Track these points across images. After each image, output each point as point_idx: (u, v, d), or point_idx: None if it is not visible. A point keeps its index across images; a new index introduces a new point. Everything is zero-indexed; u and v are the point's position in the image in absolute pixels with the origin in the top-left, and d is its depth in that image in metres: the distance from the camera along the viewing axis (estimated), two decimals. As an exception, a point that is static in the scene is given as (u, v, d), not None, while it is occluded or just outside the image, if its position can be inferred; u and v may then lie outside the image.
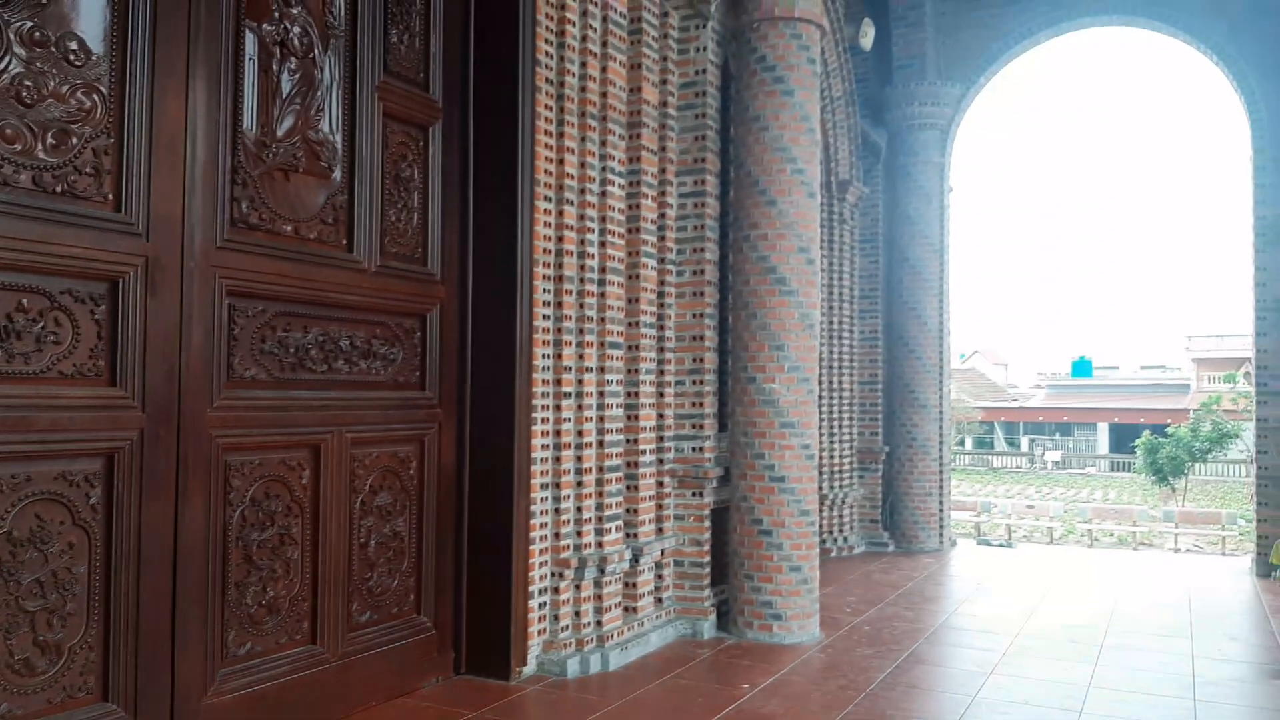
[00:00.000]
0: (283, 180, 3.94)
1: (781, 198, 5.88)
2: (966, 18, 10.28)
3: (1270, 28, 8.83)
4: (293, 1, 3.97)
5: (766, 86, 5.81)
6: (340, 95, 4.21)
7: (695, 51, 5.93)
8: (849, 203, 9.61)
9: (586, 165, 5.19)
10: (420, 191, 4.65)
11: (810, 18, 5.81)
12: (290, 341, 3.97)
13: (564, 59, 5.09)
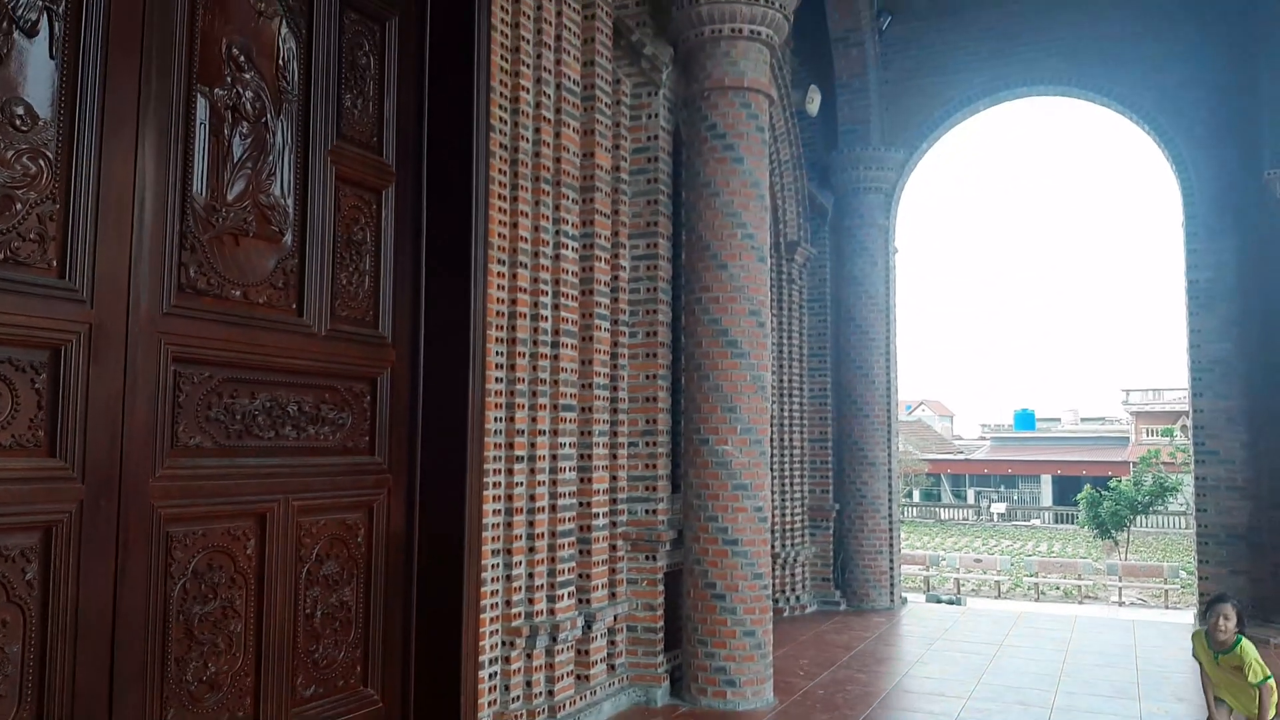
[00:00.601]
0: (232, 244, 3.91)
1: (732, 262, 5.98)
2: (909, 86, 10.64)
3: (1199, 99, 9.29)
4: (246, 66, 3.98)
5: (717, 153, 5.95)
6: (293, 159, 4.21)
7: (647, 118, 6.05)
8: (797, 263, 9.79)
9: (540, 229, 5.24)
10: (372, 255, 4.64)
11: (759, 87, 5.97)
12: (237, 408, 3.90)
13: (518, 124, 5.16)
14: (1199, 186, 9.28)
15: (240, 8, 3.96)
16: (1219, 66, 9.19)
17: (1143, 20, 9.55)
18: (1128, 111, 9.63)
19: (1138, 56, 9.54)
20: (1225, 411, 9.10)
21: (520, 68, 5.16)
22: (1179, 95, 9.33)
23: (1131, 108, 9.57)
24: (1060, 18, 9.97)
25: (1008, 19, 10.24)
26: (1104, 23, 9.74)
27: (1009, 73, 10.22)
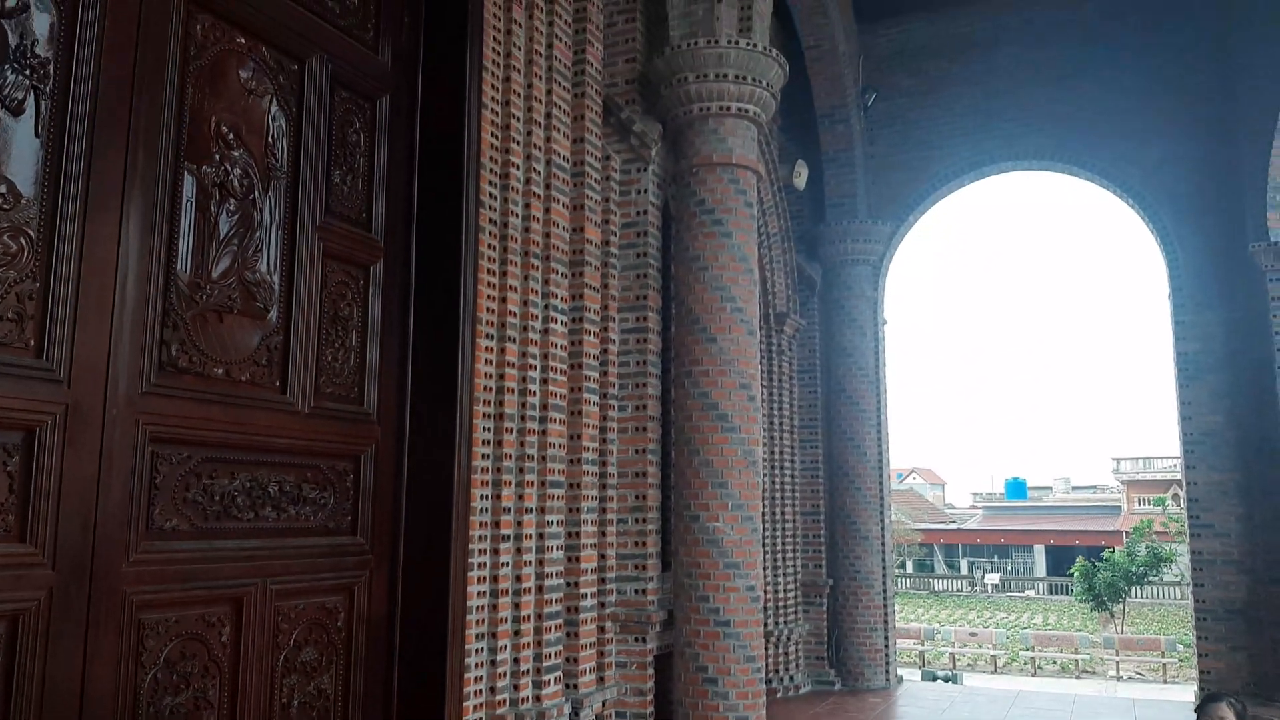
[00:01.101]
0: (216, 322, 3.86)
1: (721, 335, 5.97)
2: (894, 160, 10.81)
3: (1181, 173, 9.45)
4: (234, 144, 3.99)
5: (705, 228, 5.98)
6: (280, 236, 4.19)
7: (637, 193, 6.10)
8: (787, 334, 9.81)
9: (529, 303, 5.23)
10: (359, 330, 4.60)
11: (747, 164, 6.04)
12: (216, 489, 3.81)
13: (508, 200, 5.17)
14: (1184, 259, 9.38)
15: (231, 86, 3.98)
16: (1201, 141, 9.38)
17: (1123, 97, 9.77)
18: (1111, 186, 9.79)
19: (1120, 132, 9.73)
20: (1219, 484, 9.06)
21: (510, 144, 5.19)
22: (1162, 170, 9.50)
23: (1115, 182, 9.73)
24: (1041, 95, 10.19)
25: (990, 96, 10.46)
26: (1085, 99, 9.96)
27: (992, 148, 10.40)
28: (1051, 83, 10.14)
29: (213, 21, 3.88)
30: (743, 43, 5.90)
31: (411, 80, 5.01)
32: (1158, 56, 9.72)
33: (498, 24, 5.28)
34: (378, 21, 4.84)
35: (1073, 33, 10.19)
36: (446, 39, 5.06)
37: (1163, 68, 9.66)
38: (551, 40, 5.53)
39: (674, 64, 6.02)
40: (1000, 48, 10.51)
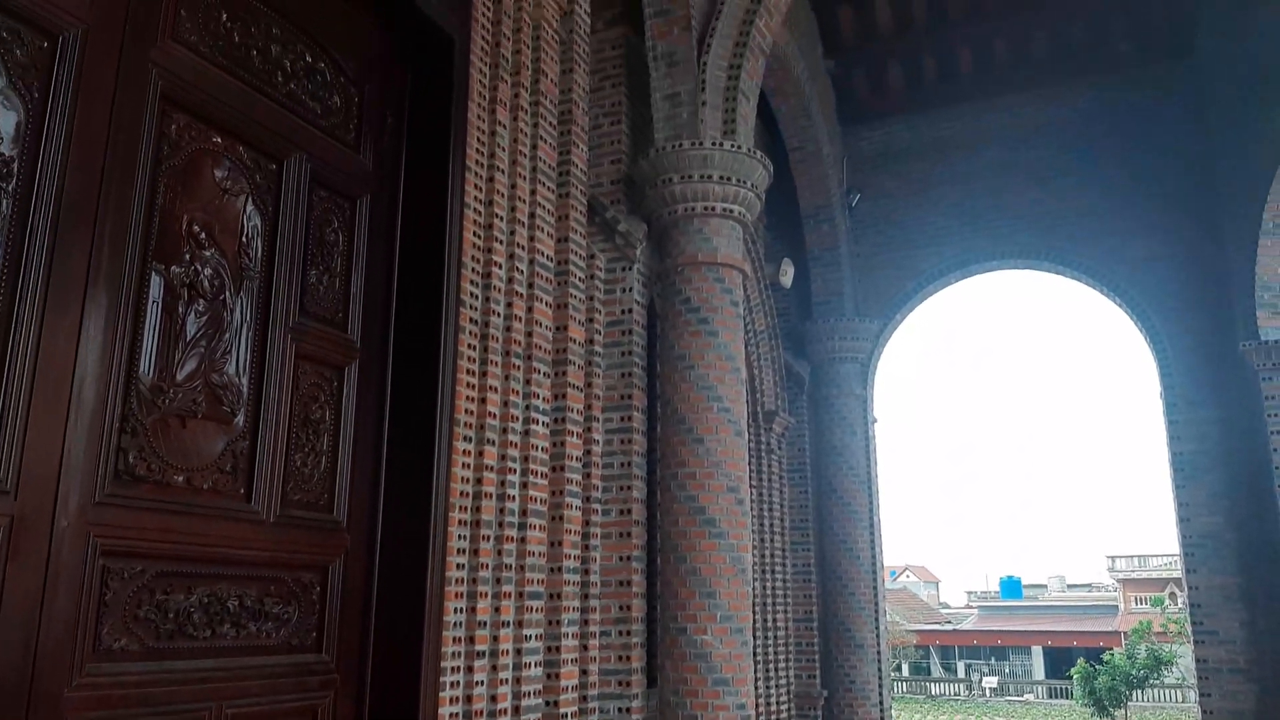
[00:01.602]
0: (179, 427, 3.70)
1: (708, 436, 5.83)
2: (880, 259, 10.89)
3: (1168, 271, 9.51)
4: (206, 243, 3.90)
5: (691, 327, 5.91)
6: (251, 337, 4.07)
7: (622, 292, 6.04)
8: (776, 433, 9.67)
9: (510, 403, 5.09)
10: (331, 434, 4.44)
11: (732, 263, 6.01)
12: (170, 605, 3.59)
13: (489, 299, 5.09)
14: (1175, 358, 9.36)
15: (205, 185, 3.91)
16: (1186, 239, 9.47)
17: (1107, 195, 9.91)
18: (1098, 284, 9.84)
19: (1104, 230, 9.83)
20: (1221, 588, 8.84)
21: (493, 243, 5.14)
22: (1148, 268, 9.57)
23: (1102, 280, 9.78)
24: (1025, 195, 10.33)
25: (974, 196, 10.60)
26: (1069, 198, 10.09)
27: (978, 247, 10.48)
28: (1035, 183, 10.30)
29: (188, 121, 3.83)
30: (727, 144, 5.93)
31: (393, 179, 4.98)
32: (1139, 156, 9.90)
33: (482, 125, 5.28)
34: (360, 122, 4.83)
35: (1053, 134, 10.39)
36: (430, 140, 5.06)
37: (1144, 167, 9.83)
38: (536, 141, 5.53)
39: (659, 165, 6.04)
40: (982, 149, 10.70)
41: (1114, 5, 9.89)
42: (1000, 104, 10.66)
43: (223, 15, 4.03)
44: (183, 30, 3.82)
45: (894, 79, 11.10)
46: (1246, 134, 8.81)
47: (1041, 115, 10.44)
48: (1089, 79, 10.28)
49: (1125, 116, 10.03)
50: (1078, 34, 10.35)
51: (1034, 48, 10.50)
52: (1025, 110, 10.53)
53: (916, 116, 11.03)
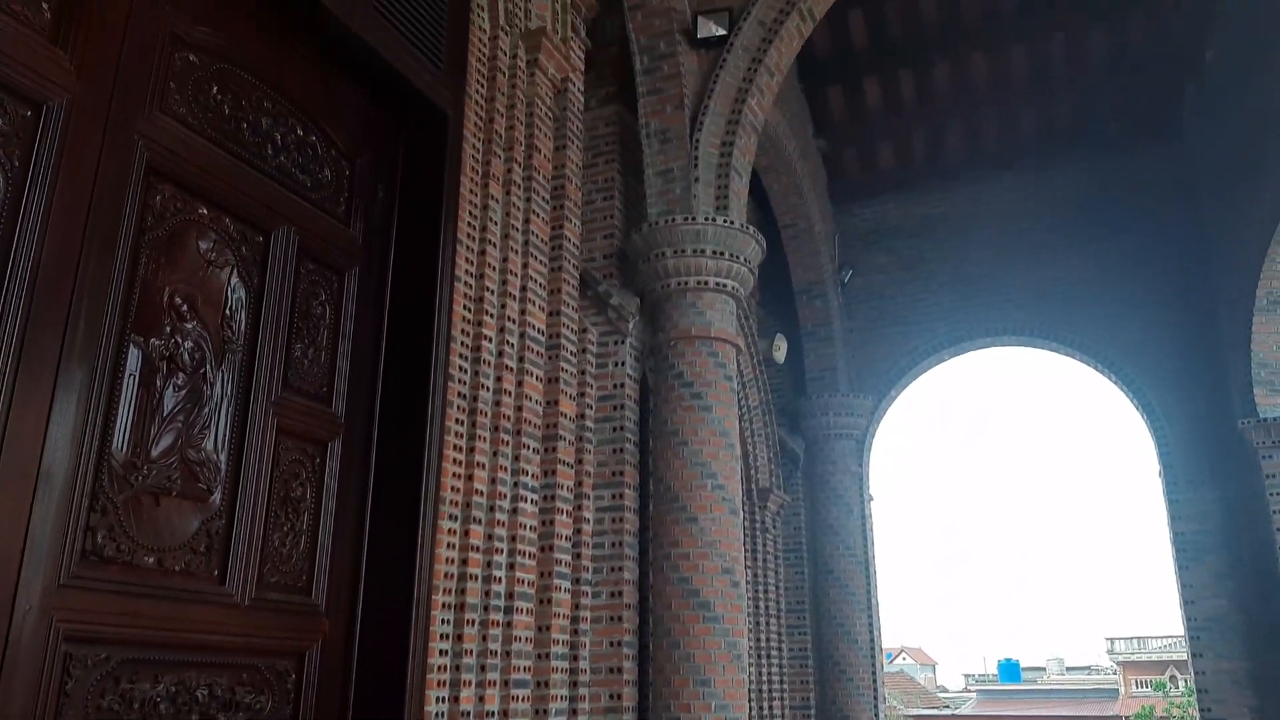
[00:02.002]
0: (151, 505, 3.56)
1: (702, 514, 5.68)
2: (874, 334, 10.87)
3: (1163, 347, 9.49)
4: (188, 315, 3.81)
5: (684, 402, 5.81)
6: (231, 412, 3.96)
7: (614, 366, 5.96)
8: (770, 511, 9.51)
9: (498, 480, 4.96)
10: (311, 512, 4.30)
11: (726, 337, 5.94)
12: (136, 695, 3.41)
13: (479, 373, 5.00)
14: (1173, 435, 9.28)
15: (189, 256, 3.84)
16: (1180, 315, 9.48)
17: (1100, 273, 9.94)
18: (1093, 361, 9.81)
19: (1099, 307, 9.85)
20: (1229, 674, 8.60)
21: (484, 317, 5.07)
22: (1143, 344, 9.55)
23: (1096, 357, 9.75)
24: (1018, 271, 10.37)
25: (965, 273, 10.64)
26: (1062, 275, 10.13)
27: (972, 323, 10.48)
28: (1026, 259, 10.35)
29: (174, 192, 3.78)
30: (720, 220, 5.93)
31: (383, 252, 4.92)
32: (1131, 234, 9.98)
33: (474, 198, 5.26)
34: (350, 195, 4.80)
35: (1045, 212, 10.49)
36: (421, 212, 5.02)
37: (1136, 244, 9.90)
38: (529, 215, 5.51)
39: (652, 240, 6.02)
40: (974, 226, 10.79)
41: (1100, 88, 10.09)
42: (990, 182, 10.78)
43: (213, 88, 4.02)
44: (171, 102, 3.80)
45: (884, 157, 11.25)
46: (1236, 211, 8.89)
47: (1032, 194, 10.56)
48: (1078, 159, 10.43)
49: (1115, 195, 10.14)
50: (1065, 115, 10.53)
51: (1022, 128, 10.68)
52: (1015, 189, 10.65)
53: (907, 194, 11.15)
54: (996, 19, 9.67)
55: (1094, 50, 9.78)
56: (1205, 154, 9.44)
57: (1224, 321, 9.09)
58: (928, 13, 9.72)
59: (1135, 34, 9.60)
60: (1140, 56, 9.77)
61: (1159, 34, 9.58)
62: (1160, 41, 9.64)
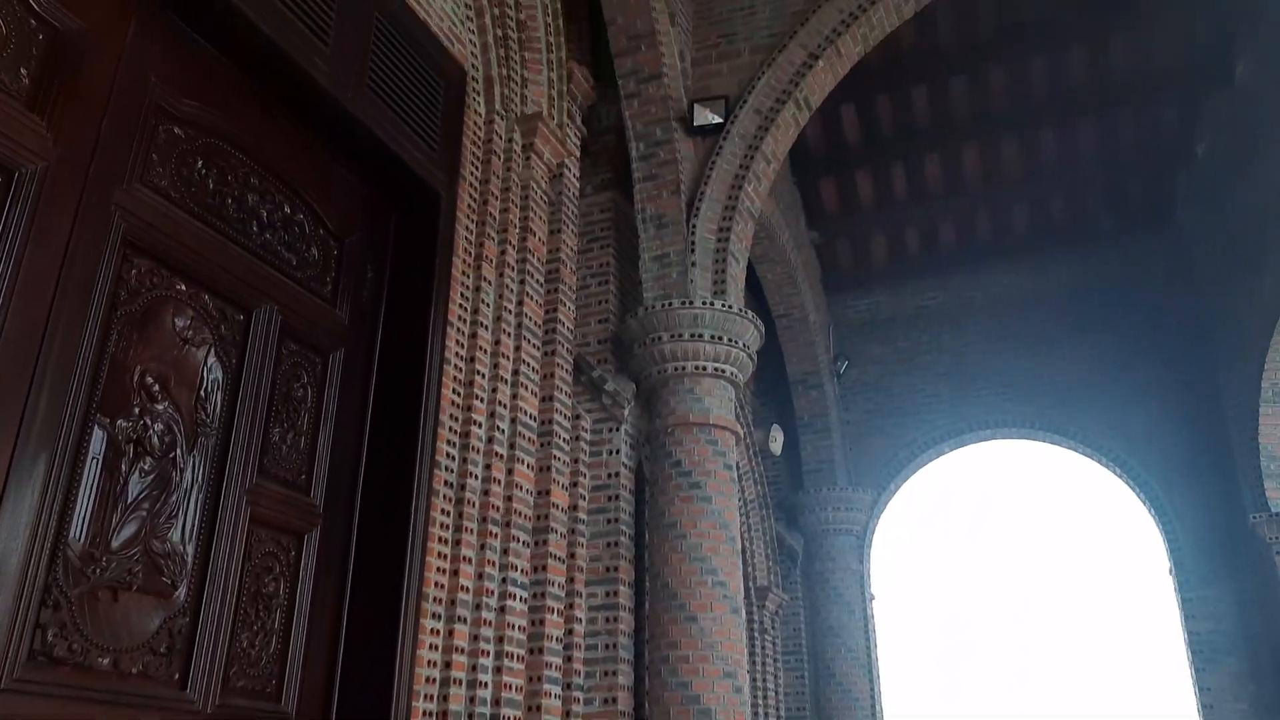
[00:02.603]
0: (109, 600, 3.29)
1: (702, 614, 5.39)
2: (872, 426, 10.69)
3: (1169, 441, 9.33)
4: (160, 396, 3.60)
5: (682, 491, 5.58)
6: (201, 499, 3.71)
7: (608, 454, 5.74)
8: (769, 611, 9.15)
9: (485, 576, 4.68)
10: (285, 609, 4.01)
11: (725, 424, 5.75)
12: (78, 815, 3.07)
13: (467, 460, 4.77)
14: (1182, 531, 9.04)
15: (163, 334, 3.66)
16: (1184, 408, 9.35)
17: (1100, 365, 9.85)
18: (1096, 455, 9.63)
19: (1100, 400, 9.71)
20: (1256, 784, 8.17)
21: (473, 401, 4.87)
22: (1147, 438, 9.39)
23: (1100, 451, 9.57)
24: (1016, 364, 10.27)
25: (963, 365, 10.53)
26: (1061, 367, 10.03)
27: (971, 416, 10.32)
28: (1025, 352, 10.26)
29: (151, 266, 3.62)
30: (718, 304, 5.80)
31: (370, 333, 4.76)
32: (1129, 325, 9.92)
33: (466, 280, 5.13)
34: (338, 275, 4.65)
35: (1041, 304, 10.47)
36: (411, 294, 4.88)
37: (1136, 336, 9.83)
38: (522, 298, 5.38)
39: (648, 324, 5.88)
40: (969, 318, 10.73)
41: (1091, 180, 10.18)
42: (985, 274, 10.78)
43: (198, 162, 3.90)
44: (153, 175, 3.67)
45: (877, 250, 11.27)
46: (1235, 301, 8.86)
47: (1027, 285, 10.55)
48: (1072, 250, 10.46)
49: (1112, 286, 10.12)
50: (1057, 208, 10.61)
51: (1015, 220, 10.74)
52: (1010, 280, 10.64)
53: (902, 285, 11.13)
54: (986, 114, 9.80)
55: (1084, 143, 9.90)
56: (1202, 244, 9.47)
57: (1230, 413, 8.96)
58: (919, 108, 9.86)
59: (1125, 128, 9.73)
60: (1131, 149, 9.89)
61: (1148, 127, 9.72)
62: (1150, 134, 9.78)
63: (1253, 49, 8.52)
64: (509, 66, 5.93)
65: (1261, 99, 8.33)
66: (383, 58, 4.79)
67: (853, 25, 6.54)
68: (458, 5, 5.69)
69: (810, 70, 6.53)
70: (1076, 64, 9.33)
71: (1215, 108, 9.19)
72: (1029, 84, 9.54)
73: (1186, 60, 9.14)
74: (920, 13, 9.09)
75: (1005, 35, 9.24)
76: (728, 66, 6.83)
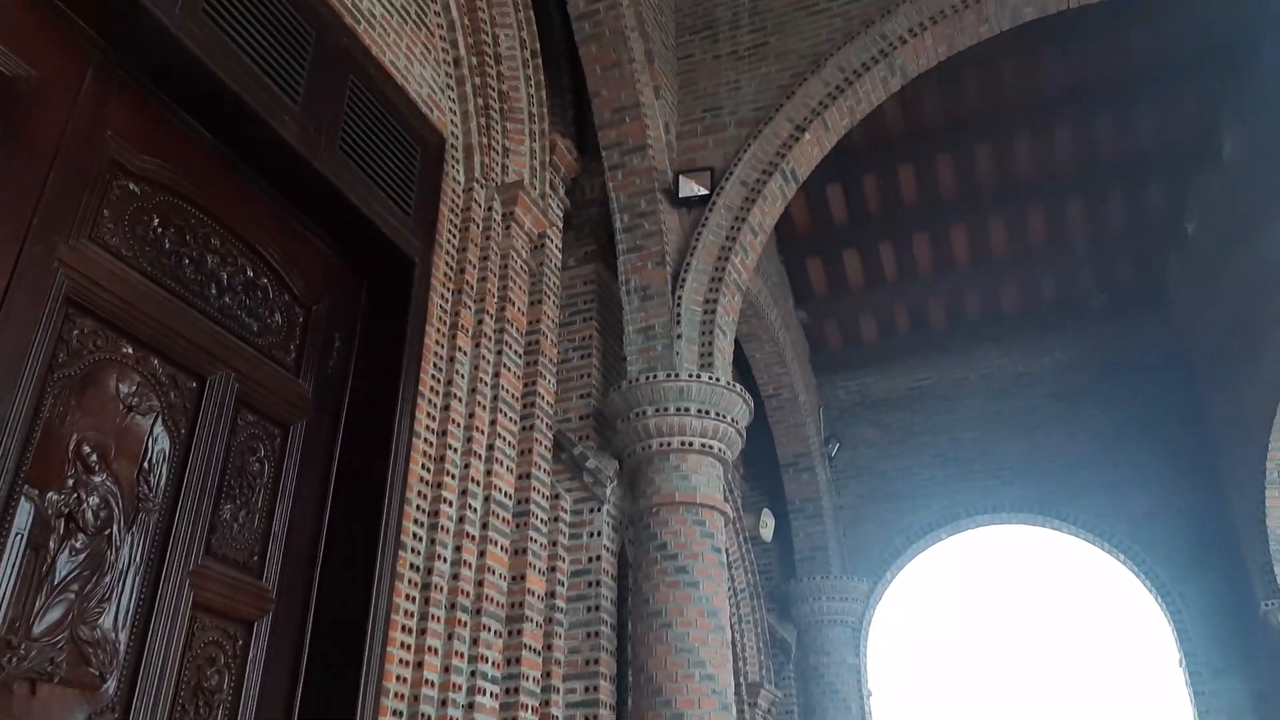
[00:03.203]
0: (25, 694, 2.97)
1: (690, 710, 5.03)
2: (865, 511, 10.39)
3: (1174, 526, 9.06)
4: (97, 467, 3.33)
5: (668, 576, 5.27)
6: (139, 581, 3.41)
7: (589, 536, 5.44)
8: (761, 709, 8.70)
9: (452, 669, 4.33)
10: (227, 707, 3.67)
11: (713, 504, 5.48)
12: None
13: (435, 541, 4.48)
14: (1191, 620, 8.70)
15: (105, 401, 3.41)
16: (1189, 491, 9.12)
17: (1098, 446, 9.63)
18: (1099, 541, 9.35)
19: (1100, 483, 9.47)
20: None
21: (444, 478, 4.60)
22: (1151, 523, 9.12)
23: (1103, 537, 9.29)
24: (1012, 446, 10.06)
25: (958, 447, 10.30)
26: (1059, 450, 9.81)
27: (968, 500, 10.04)
28: (1021, 434, 10.05)
29: (94, 328, 3.39)
30: (705, 376, 5.60)
31: (336, 405, 4.51)
32: (1127, 406, 9.75)
33: (440, 349, 4.92)
34: (303, 342, 4.43)
35: (1035, 385, 10.30)
36: (380, 363, 4.65)
37: (1133, 416, 9.65)
38: (499, 370, 5.15)
39: (632, 398, 5.65)
40: (962, 399, 10.55)
41: (1081, 260, 10.14)
42: (977, 355, 10.64)
43: (154, 220, 3.71)
44: (103, 231, 3.47)
45: (866, 330, 11.15)
46: (1234, 381, 8.71)
47: (1020, 366, 10.41)
48: (1064, 330, 10.35)
49: (1107, 366, 9.98)
50: (1048, 289, 10.54)
51: (1004, 301, 10.65)
52: (1003, 361, 10.50)
53: (892, 366, 10.98)
54: (974, 193, 9.80)
55: (1073, 223, 9.88)
56: (1197, 323, 9.37)
57: (1234, 496, 8.72)
58: (905, 187, 9.85)
59: (1113, 207, 9.73)
60: (1120, 228, 9.88)
61: (1137, 207, 9.72)
62: (1139, 213, 9.77)
63: (1240, 127, 8.56)
64: (490, 135, 5.83)
65: (1251, 177, 8.33)
66: (357, 119, 4.66)
67: (839, 98, 6.50)
68: (438, 72, 5.62)
69: (797, 143, 6.46)
70: (1062, 144, 9.37)
71: (1204, 186, 9.20)
72: (1015, 164, 9.56)
73: (1173, 140, 9.18)
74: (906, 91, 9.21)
75: (990, 115, 9.30)
76: (713, 140, 6.76)
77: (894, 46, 6.54)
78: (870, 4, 6.73)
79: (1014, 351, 10.53)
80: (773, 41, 6.97)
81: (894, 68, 6.60)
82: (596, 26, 6.35)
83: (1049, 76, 8.93)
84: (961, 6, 6.46)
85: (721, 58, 7.11)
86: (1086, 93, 8.92)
